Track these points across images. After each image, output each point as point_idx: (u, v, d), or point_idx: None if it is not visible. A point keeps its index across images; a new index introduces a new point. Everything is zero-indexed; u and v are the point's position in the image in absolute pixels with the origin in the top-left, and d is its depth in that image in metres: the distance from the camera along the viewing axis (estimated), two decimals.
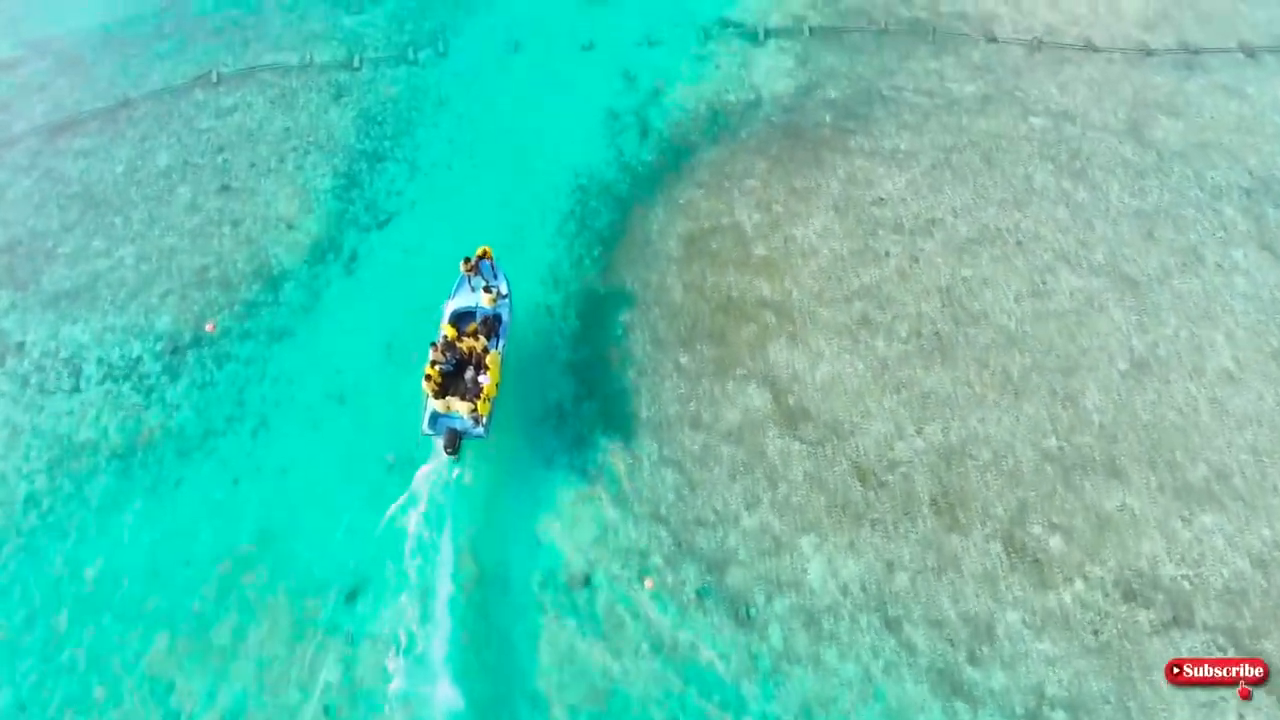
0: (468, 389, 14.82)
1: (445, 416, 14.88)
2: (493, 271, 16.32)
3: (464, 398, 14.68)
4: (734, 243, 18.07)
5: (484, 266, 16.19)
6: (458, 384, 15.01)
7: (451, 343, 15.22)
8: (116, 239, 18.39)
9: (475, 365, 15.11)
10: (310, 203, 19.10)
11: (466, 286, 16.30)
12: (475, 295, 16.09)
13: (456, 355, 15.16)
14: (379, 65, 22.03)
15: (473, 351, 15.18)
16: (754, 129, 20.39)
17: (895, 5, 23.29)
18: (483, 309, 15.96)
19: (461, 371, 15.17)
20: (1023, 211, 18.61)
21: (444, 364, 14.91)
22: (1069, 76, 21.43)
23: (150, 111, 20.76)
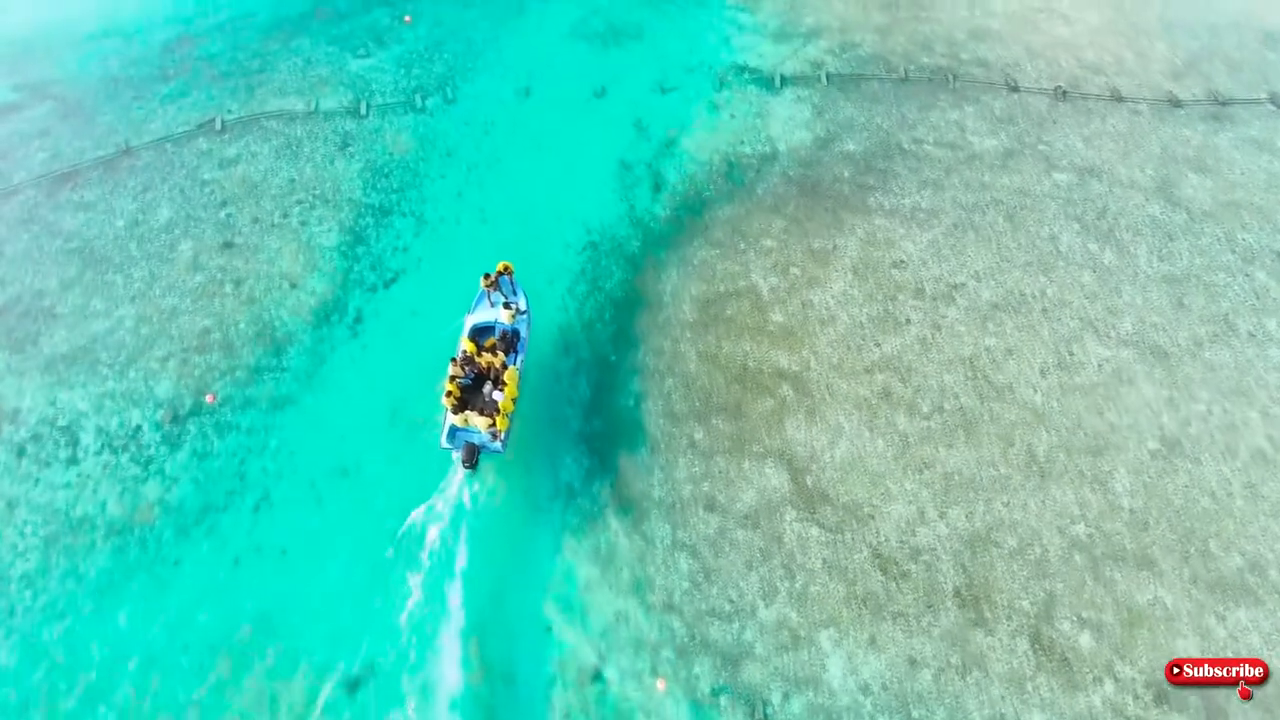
0: (485, 404, 15.25)
1: (463, 431, 15.30)
2: (512, 287, 16.74)
3: (482, 413, 15.09)
4: (750, 308, 17.73)
5: (504, 282, 16.59)
6: (476, 399, 15.46)
7: (471, 357, 15.64)
8: (116, 298, 18.13)
9: (493, 381, 15.55)
10: (315, 260, 18.82)
11: (486, 301, 16.82)
12: (495, 310, 16.62)
13: (475, 370, 15.58)
14: (386, 113, 21.77)
15: (491, 367, 15.61)
16: (770, 184, 20.06)
17: (915, 52, 22.96)
18: (502, 324, 16.41)
19: (480, 386, 15.63)
20: (1048, 276, 18.23)
21: (462, 378, 15.34)
22: (1095, 129, 21.06)
23: (152, 161, 20.53)
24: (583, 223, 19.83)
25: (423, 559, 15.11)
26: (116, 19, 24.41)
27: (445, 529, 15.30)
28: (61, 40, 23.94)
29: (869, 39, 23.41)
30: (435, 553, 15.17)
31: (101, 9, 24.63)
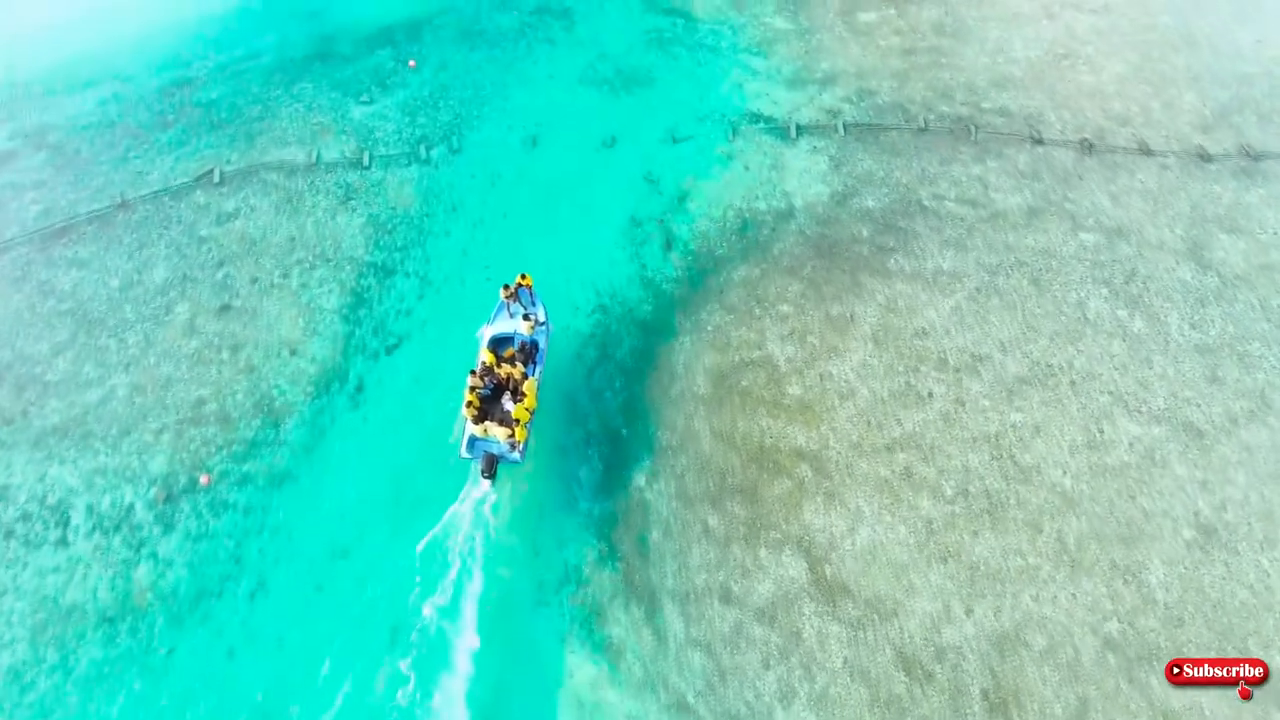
0: (505, 415, 15.65)
1: (483, 441, 15.65)
2: (531, 299, 17.11)
3: (502, 423, 15.43)
4: (766, 380, 17.27)
5: (523, 293, 16.98)
6: (495, 409, 15.82)
7: (490, 368, 15.97)
8: (110, 365, 17.74)
9: (512, 391, 15.88)
10: (315, 325, 18.41)
11: (505, 313, 17.20)
12: (514, 322, 16.95)
13: (494, 381, 16.00)
14: (390, 164, 21.39)
15: (510, 377, 15.95)
16: (786, 244, 19.61)
17: (934, 100, 22.52)
18: (521, 335, 16.78)
19: (499, 397, 16.02)
20: (1076, 346, 17.74)
21: (482, 389, 15.76)
22: (1122, 185, 20.59)
23: (149, 216, 20.17)
24: (592, 283, 19.40)
25: (424, 652, 14.64)
26: (116, 61, 24.10)
27: (447, 624, 14.84)
28: (59, 83, 23.63)
29: (887, 86, 22.98)
30: (437, 646, 14.72)
31: (101, 50, 24.32)
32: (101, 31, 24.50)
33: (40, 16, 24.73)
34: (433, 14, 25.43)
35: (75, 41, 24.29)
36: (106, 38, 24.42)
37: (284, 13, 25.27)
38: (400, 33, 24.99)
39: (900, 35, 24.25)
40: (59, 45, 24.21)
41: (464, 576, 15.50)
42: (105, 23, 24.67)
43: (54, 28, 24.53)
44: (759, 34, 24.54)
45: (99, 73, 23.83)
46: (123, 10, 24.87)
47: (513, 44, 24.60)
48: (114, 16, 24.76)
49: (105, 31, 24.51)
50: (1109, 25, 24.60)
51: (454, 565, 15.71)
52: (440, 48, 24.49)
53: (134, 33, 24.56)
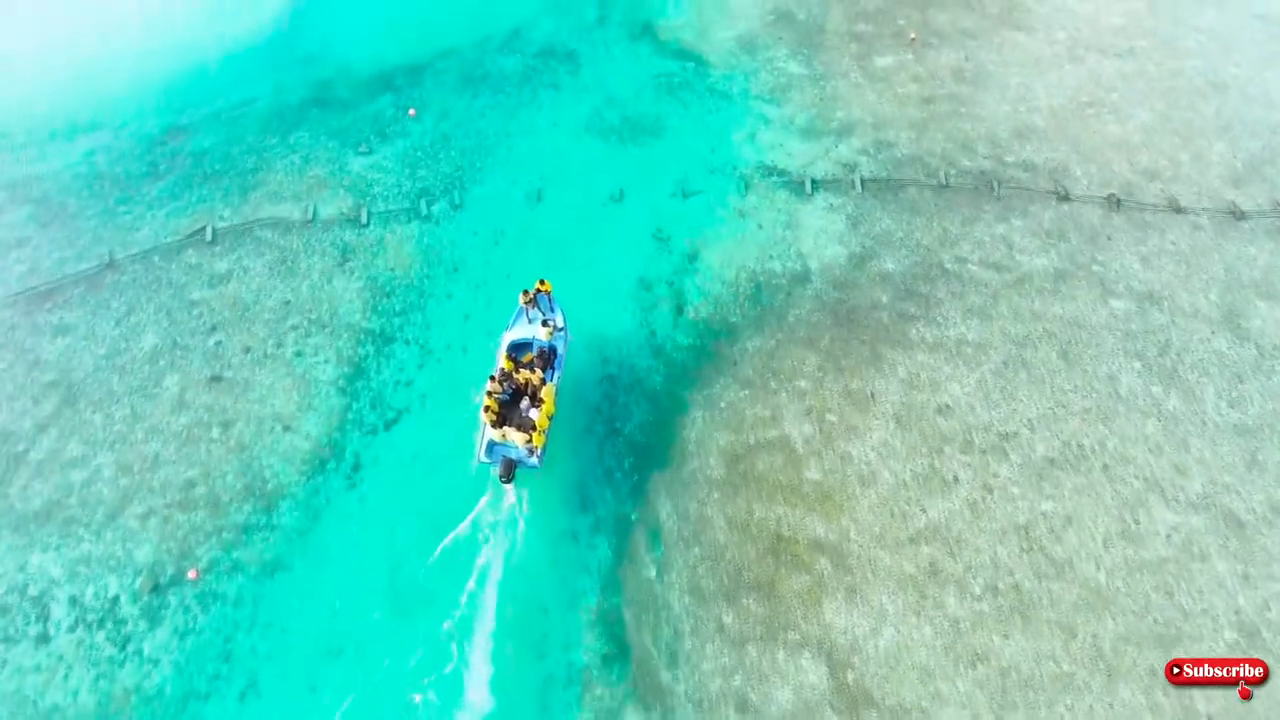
0: (523, 419, 15.85)
1: (501, 445, 15.95)
2: (550, 305, 17.36)
3: (520, 428, 15.64)
4: (783, 463, 16.63)
5: (541, 299, 17.23)
6: (513, 414, 16.07)
7: (509, 373, 16.30)
8: (95, 443, 17.14)
9: (530, 396, 16.14)
10: (310, 398, 17.81)
11: (524, 318, 17.48)
12: (532, 327, 17.19)
13: (513, 386, 16.28)
14: (388, 221, 20.81)
15: (529, 383, 16.21)
16: (802, 310, 18.99)
17: (955, 153, 21.92)
18: (539, 341, 17.01)
19: (517, 401, 16.23)
20: (1108, 425, 17.09)
21: (500, 394, 16.00)
22: (1153, 246, 19.97)
23: (138, 276, 19.60)
24: (599, 350, 18.80)
25: None
26: (105, 106, 23.56)
27: None
28: (46, 130, 23.10)
29: (905, 137, 22.38)
30: None
31: (90, 96, 23.78)
32: (90, 76, 23.98)
33: (25, 60, 24.14)
34: (434, 57, 24.88)
35: (63, 86, 23.76)
36: (96, 82, 23.88)
37: (280, 56, 24.74)
38: (400, 77, 24.43)
39: (918, 82, 23.65)
40: (45, 90, 23.68)
41: (465, 674, 14.89)
42: (94, 66, 24.15)
43: (40, 72, 24.01)
44: (772, 80, 23.96)
45: (87, 119, 23.28)
46: (113, 53, 24.32)
47: (517, 89, 24.02)
48: (103, 60, 24.23)
49: (94, 75, 23.98)
50: (1135, 70, 24.00)
51: (454, 660, 15.11)
52: (442, 93, 23.91)
53: (124, 77, 24.02)
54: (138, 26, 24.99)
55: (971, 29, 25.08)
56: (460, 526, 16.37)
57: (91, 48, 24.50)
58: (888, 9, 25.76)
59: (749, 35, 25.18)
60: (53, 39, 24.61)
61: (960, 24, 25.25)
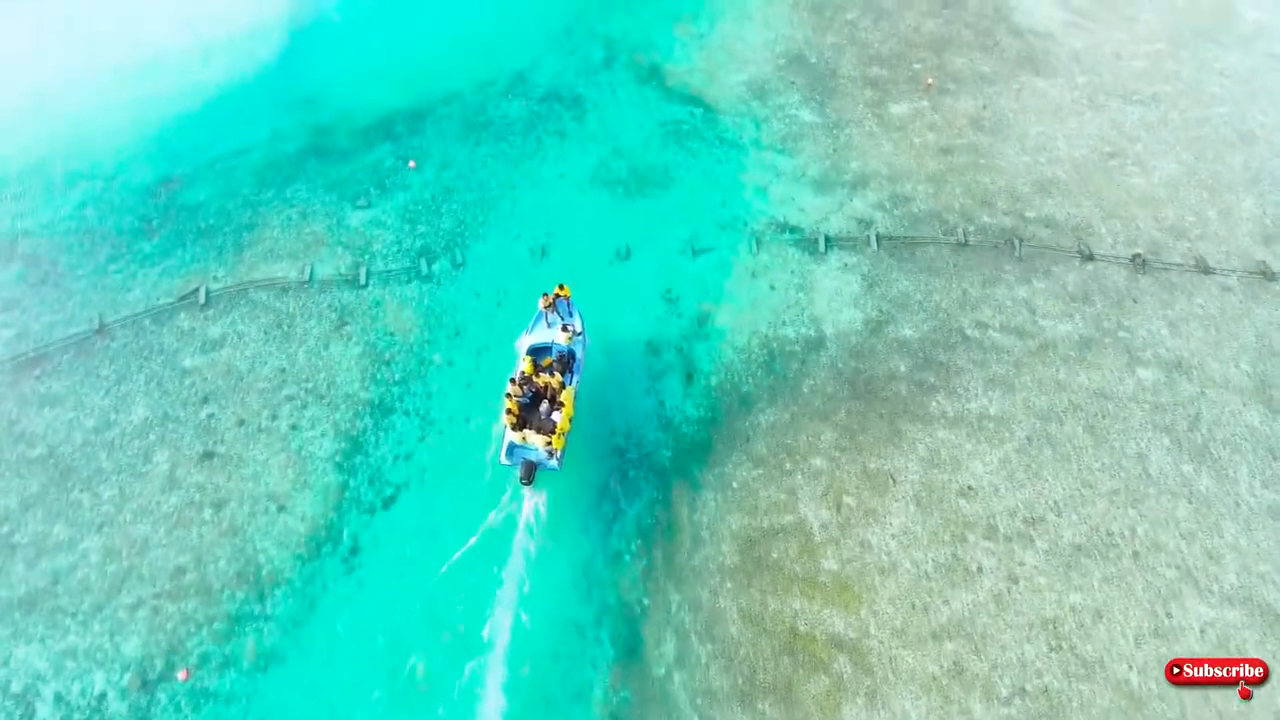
0: (543, 422, 16.18)
1: (521, 448, 16.31)
2: (569, 309, 17.78)
3: (540, 431, 15.99)
4: (799, 550, 16.06)
5: (560, 304, 17.59)
6: (533, 416, 16.39)
7: (529, 377, 16.58)
8: (82, 525, 16.62)
9: (550, 400, 16.45)
10: (306, 475, 17.27)
11: (543, 322, 17.87)
12: (552, 332, 17.57)
13: (533, 389, 16.57)
14: (388, 281, 20.28)
15: (548, 386, 16.50)
16: (817, 380, 18.42)
17: (974, 209, 21.35)
18: (558, 346, 17.40)
19: (537, 404, 16.55)
20: (1138, 509, 16.51)
21: (520, 397, 16.29)
22: (1180, 311, 19.38)
23: (129, 344, 19.08)
24: (606, 422, 18.26)
25: None
26: (97, 156, 23.08)
27: None
28: (35, 183, 22.61)
29: (922, 191, 21.81)
30: None
31: (81, 145, 23.30)
32: (83, 123, 23.51)
33: (16, 108, 23.67)
34: (435, 102, 24.37)
35: (54, 135, 23.27)
36: (88, 129, 23.42)
37: (277, 99, 24.25)
38: (401, 123, 23.93)
39: (935, 131, 23.09)
40: (37, 139, 23.16)
41: None
42: (88, 113, 23.68)
43: (32, 120, 23.51)
44: (783, 128, 23.41)
45: (78, 170, 22.79)
46: (104, 101, 23.85)
47: (521, 137, 23.50)
48: (95, 107, 23.77)
49: (87, 122, 23.51)
50: (1158, 118, 23.43)
51: None
52: (443, 142, 23.39)
53: (118, 123, 23.55)
54: (131, 70, 24.49)
55: (989, 73, 24.53)
56: (466, 616, 15.80)
57: (84, 94, 24.04)
58: (902, 52, 25.22)
59: (759, 80, 24.64)
60: (44, 86, 24.11)
61: (977, 68, 24.69)
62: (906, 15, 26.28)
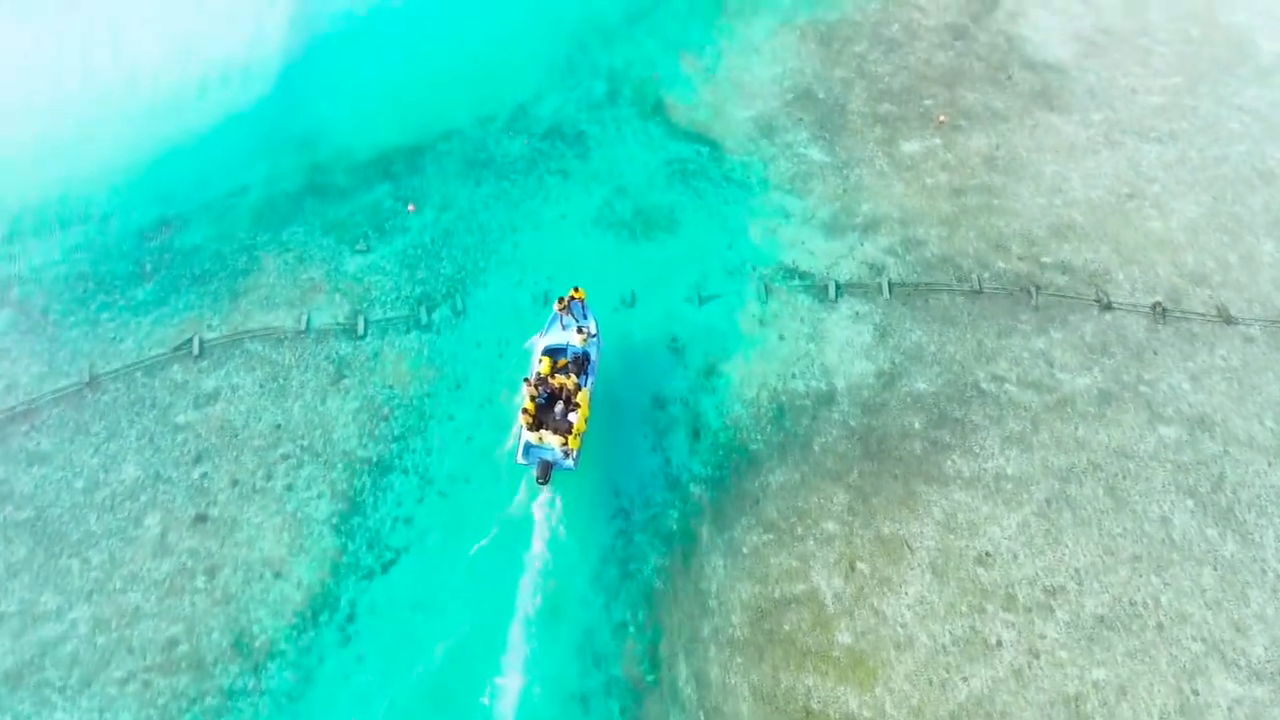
0: (558, 423, 16.50)
1: (537, 448, 16.67)
2: (583, 312, 18.24)
3: (556, 431, 16.35)
4: (812, 622, 15.67)
5: (575, 307, 18.07)
6: (548, 417, 16.75)
7: (545, 378, 16.95)
8: (71, 592, 16.24)
9: (565, 401, 16.82)
10: (301, 539, 16.90)
11: (558, 324, 18.28)
12: (567, 333, 18.00)
13: (548, 390, 16.92)
14: (386, 330, 19.91)
15: (564, 388, 16.86)
16: (829, 438, 18.03)
17: (988, 254, 20.98)
18: (574, 348, 17.82)
19: (552, 405, 16.89)
20: (1161, 576, 16.11)
21: (537, 397, 16.71)
22: (1202, 363, 18.99)
23: (120, 397, 18.71)
24: (611, 481, 17.92)
25: None
26: (89, 197, 22.74)
27: None
28: (26, 225, 22.26)
29: (935, 235, 21.44)
30: None
31: (73, 185, 22.93)
32: (75, 163, 23.14)
33: (3, 147, 23.31)
34: (435, 138, 24.03)
35: (44, 175, 22.90)
36: (80, 170, 23.07)
37: (273, 138, 23.91)
38: (400, 161, 23.59)
39: (948, 171, 22.73)
40: (26, 180, 22.79)
41: None
42: (79, 153, 23.33)
43: (20, 160, 23.13)
44: (792, 167, 23.06)
45: (70, 212, 22.43)
46: (97, 140, 23.51)
47: (522, 176, 23.14)
48: (88, 146, 23.41)
49: (79, 163, 23.16)
50: (1176, 157, 23.06)
51: None
52: (443, 182, 23.05)
53: (110, 164, 23.21)
54: (125, 108, 24.17)
55: (1002, 110, 24.17)
56: (468, 687, 15.42)
57: (77, 133, 23.70)
58: (913, 86, 24.87)
59: (767, 116, 24.29)
60: (35, 125, 23.77)
61: (990, 104, 24.34)
62: (917, 47, 25.93)
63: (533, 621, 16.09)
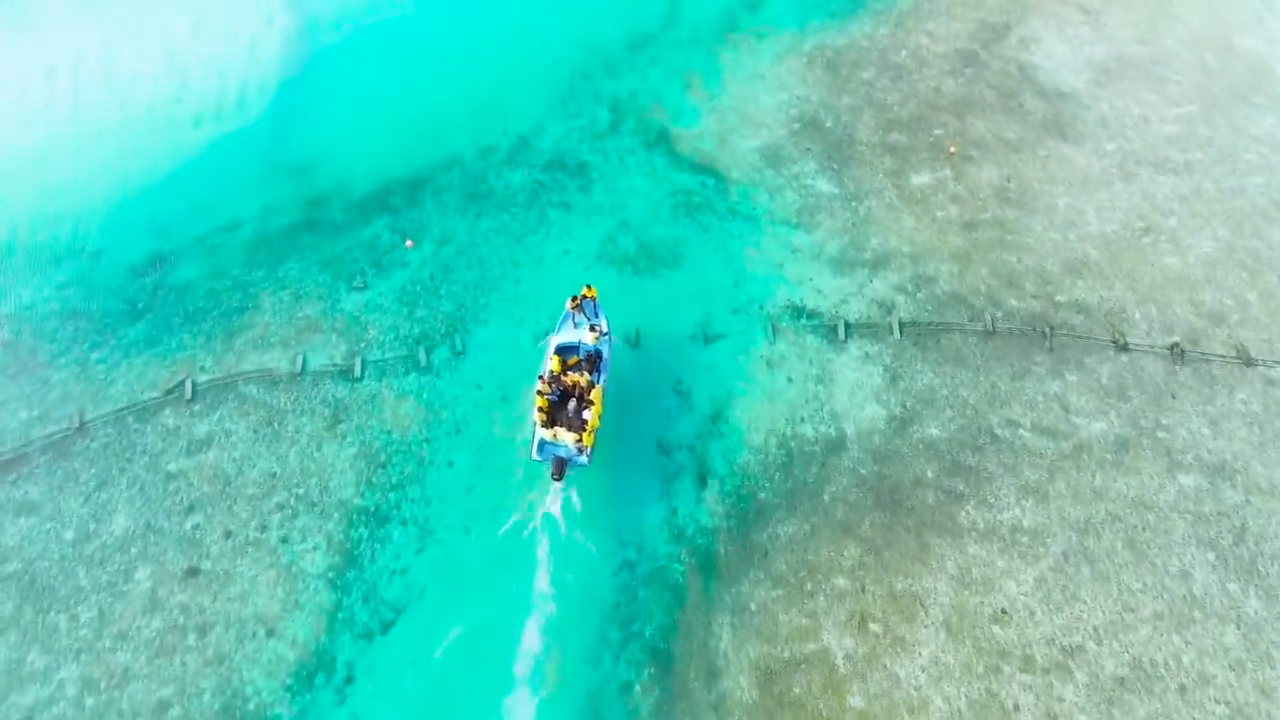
0: (572, 420, 16.84)
1: (552, 445, 16.91)
2: (595, 310, 18.48)
3: (570, 428, 16.66)
4: (823, 685, 15.31)
5: (586, 305, 18.33)
6: (562, 414, 17.13)
7: (557, 376, 17.32)
8: (59, 651, 15.89)
9: (578, 398, 17.20)
10: (296, 594, 16.56)
11: (570, 323, 18.49)
12: (579, 332, 18.24)
13: (561, 388, 17.26)
14: (384, 372, 19.58)
15: (576, 385, 17.20)
16: (839, 486, 17.70)
17: (1001, 291, 20.65)
18: (586, 345, 18.09)
19: (565, 402, 17.25)
20: (1182, 634, 15.75)
21: (550, 395, 17.05)
22: (1221, 407, 18.65)
23: (110, 444, 18.38)
24: (615, 533, 17.58)
25: None
26: (81, 231, 22.39)
27: None
28: (17, 261, 21.90)
29: (946, 271, 21.11)
30: None
31: (65, 220, 22.57)
32: (64, 196, 22.85)
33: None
34: (434, 170, 23.71)
35: (33, 209, 22.58)
36: (70, 203, 22.76)
37: (269, 170, 23.59)
38: (398, 193, 23.27)
39: (958, 204, 22.40)
40: (14, 214, 22.48)
41: None
42: (69, 185, 23.02)
43: (7, 191, 22.80)
44: (799, 200, 22.74)
45: (61, 247, 22.12)
46: (88, 172, 23.19)
47: (524, 209, 22.82)
48: (79, 179, 23.10)
49: (69, 195, 22.86)
50: (1192, 189, 22.73)
51: None
52: (442, 214, 22.73)
53: (101, 197, 22.90)
54: (117, 140, 23.84)
55: (1014, 140, 23.86)
56: None
57: (67, 164, 23.39)
58: (923, 115, 24.56)
59: (773, 146, 23.97)
60: (24, 155, 23.45)
61: (1001, 133, 24.02)
62: (926, 74, 25.62)
63: (535, 683, 15.74)
